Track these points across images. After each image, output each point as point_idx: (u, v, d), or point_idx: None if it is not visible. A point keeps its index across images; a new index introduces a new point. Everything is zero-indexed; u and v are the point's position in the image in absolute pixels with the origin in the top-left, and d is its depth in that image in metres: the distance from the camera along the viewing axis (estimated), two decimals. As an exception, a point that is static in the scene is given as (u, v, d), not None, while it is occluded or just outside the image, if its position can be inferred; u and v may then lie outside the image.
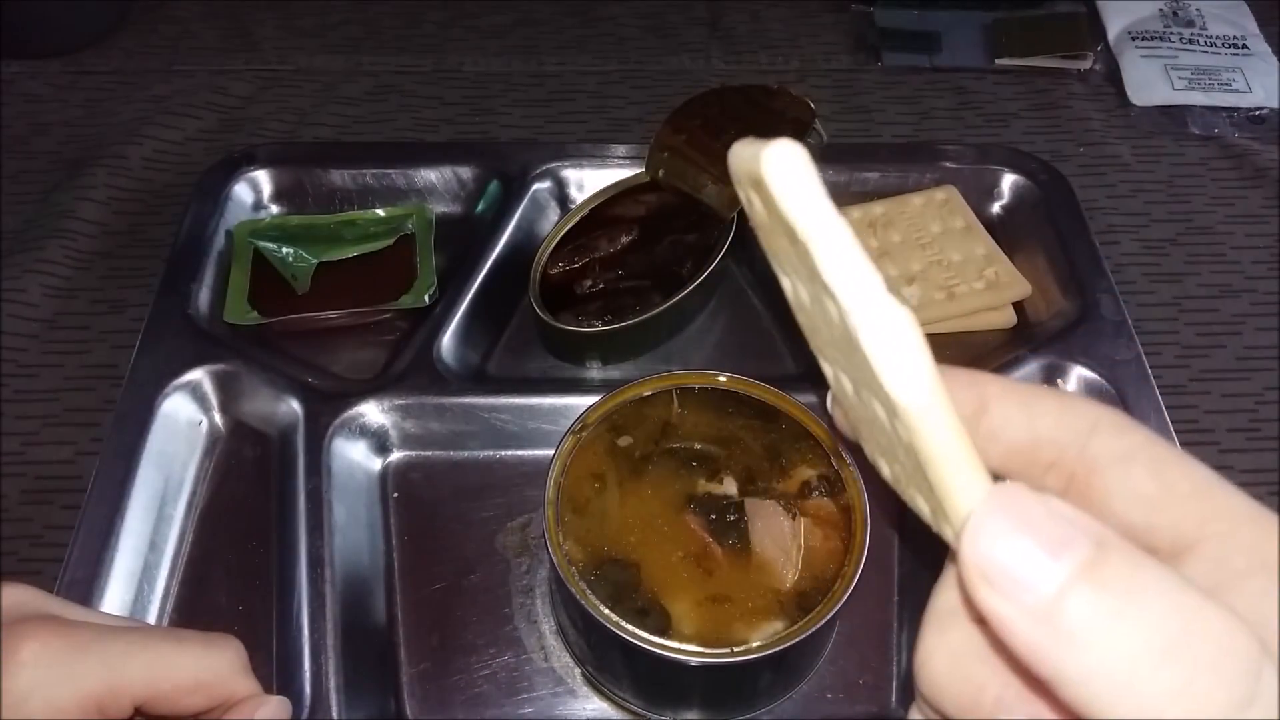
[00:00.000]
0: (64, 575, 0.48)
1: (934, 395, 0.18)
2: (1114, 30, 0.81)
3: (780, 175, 0.18)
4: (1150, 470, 0.20)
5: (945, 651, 0.20)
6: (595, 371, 0.60)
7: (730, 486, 0.44)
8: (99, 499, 0.51)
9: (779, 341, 0.61)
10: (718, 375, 0.47)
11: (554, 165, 0.66)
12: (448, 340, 0.58)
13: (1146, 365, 0.57)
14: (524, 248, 0.63)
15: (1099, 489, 0.20)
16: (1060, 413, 0.21)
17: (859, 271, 0.18)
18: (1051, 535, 0.16)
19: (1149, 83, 0.77)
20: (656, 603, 0.41)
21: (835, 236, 0.18)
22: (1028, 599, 0.16)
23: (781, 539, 0.42)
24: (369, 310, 0.60)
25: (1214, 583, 0.18)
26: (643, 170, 0.62)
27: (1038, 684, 0.17)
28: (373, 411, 0.55)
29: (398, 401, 0.55)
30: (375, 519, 0.53)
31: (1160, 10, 0.82)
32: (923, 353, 0.18)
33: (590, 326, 0.57)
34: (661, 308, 0.56)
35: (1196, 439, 0.58)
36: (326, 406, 0.54)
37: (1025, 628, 0.16)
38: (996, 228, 0.64)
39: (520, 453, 0.56)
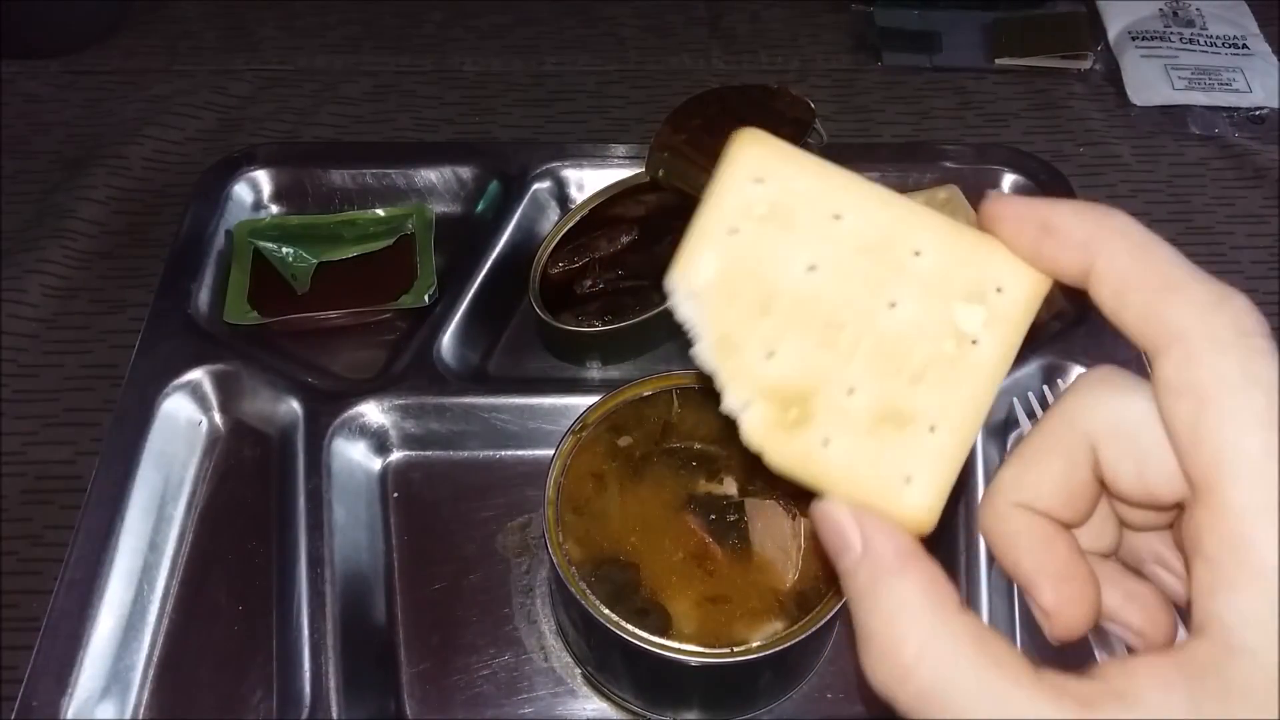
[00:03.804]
0: (64, 575, 0.48)
1: None
2: (1114, 30, 0.81)
3: None
4: (1140, 314, 0.22)
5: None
6: (595, 371, 0.60)
7: (730, 486, 0.44)
8: (99, 499, 0.51)
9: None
10: (718, 375, 0.47)
11: (554, 165, 0.66)
12: (447, 340, 0.58)
13: (1147, 365, 0.57)
14: (524, 248, 0.63)
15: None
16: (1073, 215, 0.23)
17: None
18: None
19: (1149, 83, 0.76)
20: (656, 603, 0.41)
21: None
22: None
23: (782, 539, 0.42)
24: (369, 310, 0.60)
25: (1162, 386, 0.22)
26: (643, 170, 0.62)
27: None
28: (373, 411, 0.55)
29: (398, 401, 0.55)
30: (375, 519, 0.53)
31: (1160, 10, 0.82)
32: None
33: (590, 326, 0.57)
34: (661, 308, 0.56)
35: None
36: (326, 406, 0.54)
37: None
38: (997, 228, 0.64)
39: (520, 453, 0.56)
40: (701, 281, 0.24)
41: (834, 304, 0.24)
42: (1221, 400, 0.20)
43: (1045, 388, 0.56)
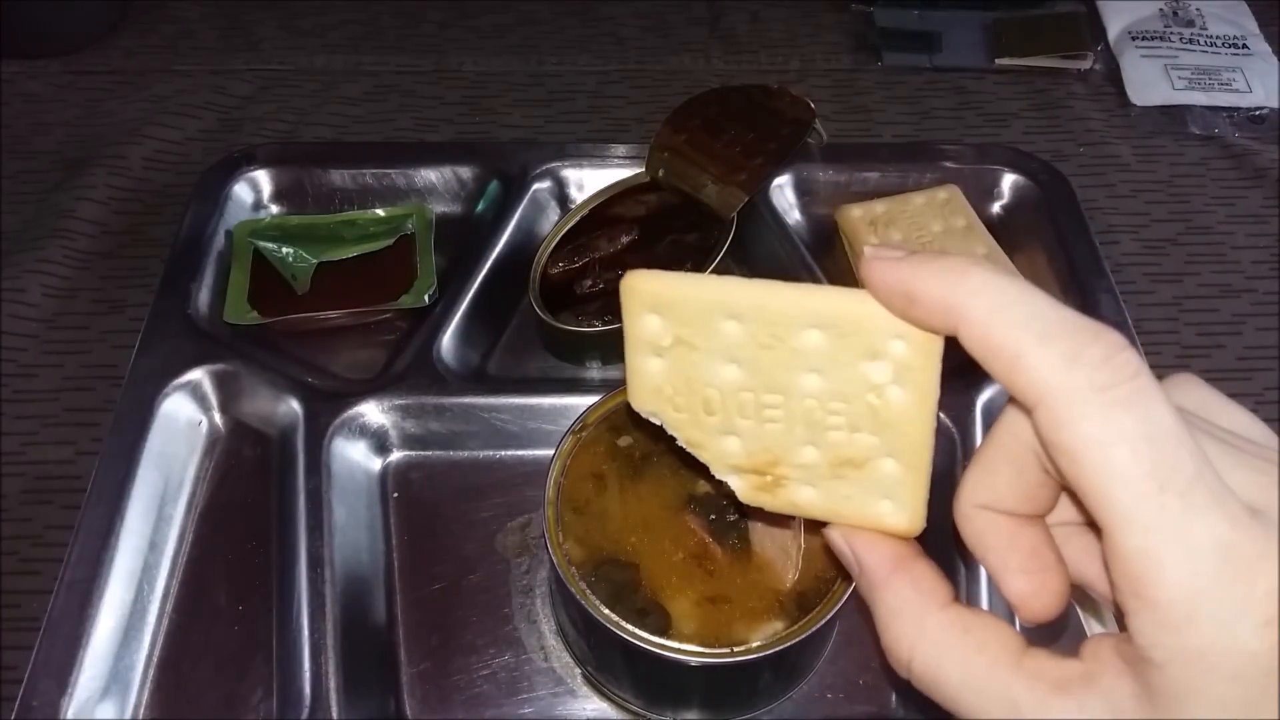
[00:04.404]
0: (64, 575, 0.48)
1: None
2: (1114, 30, 0.81)
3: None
4: (1003, 379, 0.23)
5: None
6: (595, 371, 0.60)
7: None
8: (99, 499, 0.51)
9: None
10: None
11: (554, 165, 0.66)
12: (447, 340, 0.58)
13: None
14: (524, 248, 0.63)
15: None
16: (940, 276, 0.23)
17: None
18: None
19: (1149, 82, 0.77)
20: (656, 603, 0.41)
21: None
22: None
23: (782, 539, 0.42)
24: (369, 310, 0.60)
25: (1040, 441, 0.22)
26: (643, 170, 0.62)
27: None
28: (373, 411, 0.55)
29: (398, 401, 0.55)
30: (375, 519, 0.53)
31: (1160, 10, 0.82)
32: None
33: (590, 326, 0.57)
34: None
35: (1197, 439, 0.58)
36: (326, 406, 0.54)
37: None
38: (997, 228, 0.64)
39: (520, 453, 0.56)
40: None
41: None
42: (1088, 459, 0.21)
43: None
